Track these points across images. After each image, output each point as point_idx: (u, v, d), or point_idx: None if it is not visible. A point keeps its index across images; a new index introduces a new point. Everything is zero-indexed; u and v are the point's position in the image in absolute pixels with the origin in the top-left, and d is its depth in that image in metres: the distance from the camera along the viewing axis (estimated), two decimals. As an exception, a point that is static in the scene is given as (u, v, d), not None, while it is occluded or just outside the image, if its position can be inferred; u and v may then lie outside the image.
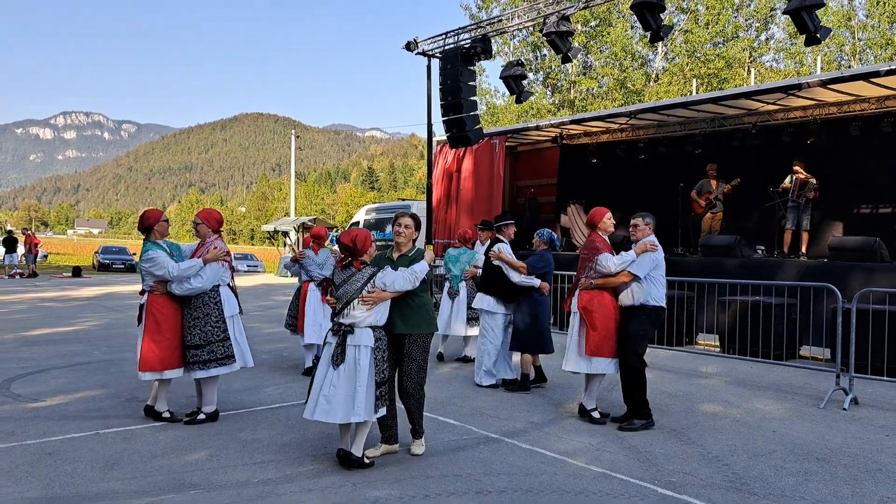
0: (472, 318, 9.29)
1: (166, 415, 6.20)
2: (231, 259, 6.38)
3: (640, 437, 6.03)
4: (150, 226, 6.18)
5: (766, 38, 38.11)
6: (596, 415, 6.50)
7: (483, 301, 8.07)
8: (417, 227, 5.42)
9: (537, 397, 7.57)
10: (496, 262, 7.81)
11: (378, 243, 8.59)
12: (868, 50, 37.32)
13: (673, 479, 4.94)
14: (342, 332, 4.98)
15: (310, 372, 8.45)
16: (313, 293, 8.53)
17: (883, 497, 4.69)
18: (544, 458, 5.39)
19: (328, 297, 5.16)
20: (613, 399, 7.33)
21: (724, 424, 6.53)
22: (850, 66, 36.03)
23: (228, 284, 6.30)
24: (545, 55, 36.81)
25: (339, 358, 4.94)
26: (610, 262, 6.39)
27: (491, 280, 7.95)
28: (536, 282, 7.67)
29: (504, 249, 7.84)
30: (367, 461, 5.06)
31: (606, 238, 6.66)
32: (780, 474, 5.10)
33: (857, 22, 37.30)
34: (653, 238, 6.58)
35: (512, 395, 7.60)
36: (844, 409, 7.15)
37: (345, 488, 4.63)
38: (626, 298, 6.46)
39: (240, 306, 6.35)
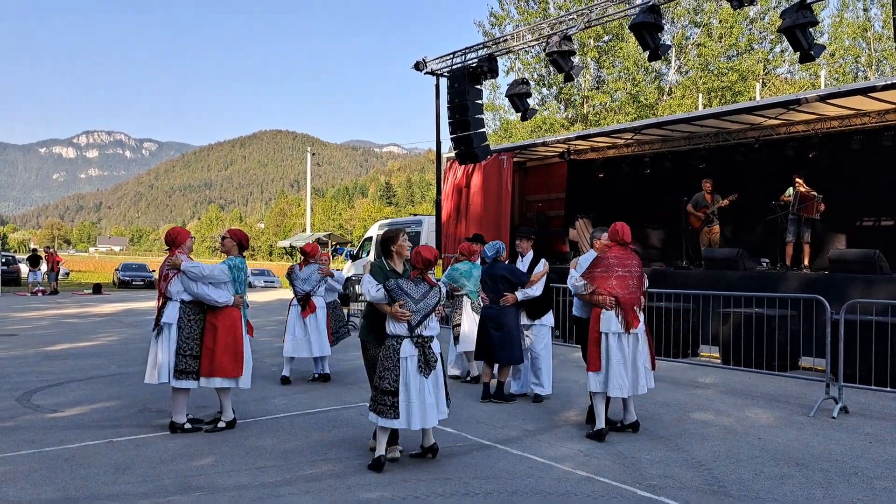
0: None
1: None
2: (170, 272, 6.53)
3: (628, 443, 6.27)
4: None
5: (781, 51, 38.13)
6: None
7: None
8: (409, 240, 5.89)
9: (534, 407, 7.81)
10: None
11: None
12: (885, 61, 37.32)
13: (654, 483, 5.18)
14: (425, 343, 5.45)
15: (286, 381, 9.04)
16: (294, 308, 9.24)
17: (854, 499, 4.90)
18: (533, 463, 5.64)
19: (401, 311, 5.39)
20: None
21: (712, 432, 6.75)
22: (866, 78, 36.02)
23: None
24: (558, 70, 37.10)
25: (428, 367, 5.41)
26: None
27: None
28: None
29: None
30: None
31: None
32: (758, 478, 5.32)
33: (872, 33, 37.32)
34: None
35: (510, 406, 7.85)
36: (833, 417, 7.34)
37: (339, 490, 4.92)
38: None
39: (155, 321, 6.61)
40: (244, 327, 6.74)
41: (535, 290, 8.02)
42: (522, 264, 8.20)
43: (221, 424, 6.63)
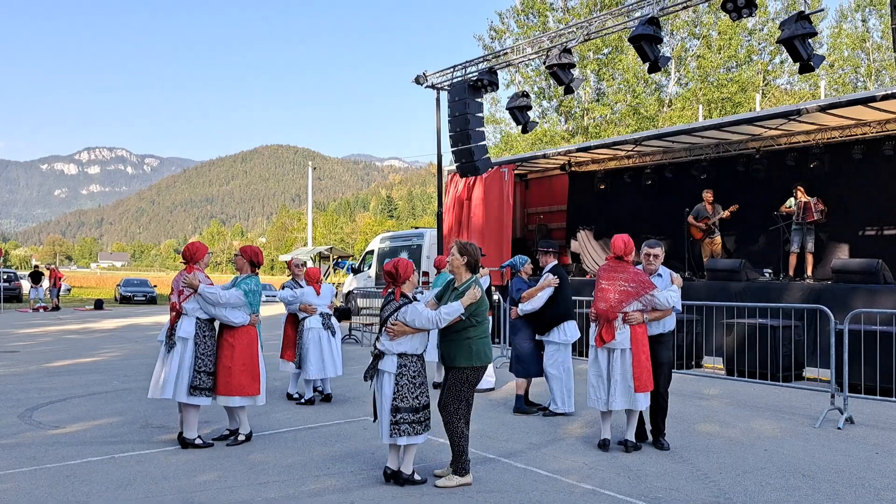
0: None
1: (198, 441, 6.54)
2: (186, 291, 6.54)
3: (633, 456, 6.23)
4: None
5: (781, 61, 38.19)
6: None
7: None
8: (462, 253, 5.50)
9: (538, 420, 7.78)
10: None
11: None
12: (884, 71, 37.41)
13: (659, 495, 5.14)
14: (376, 356, 5.36)
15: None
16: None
17: (861, 510, 4.86)
18: (537, 476, 5.61)
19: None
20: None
21: (717, 444, 6.71)
22: (865, 88, 36.11)
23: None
24: (559, 83, 37.19)
25: (370, 379, 5.35)
26: (673, 297, 6.44)
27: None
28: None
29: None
30: (417, 478, 5.35)
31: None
32: (764, 490, 5.28)
33: (871, 44, 37.44)
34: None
35: (514, 419, 7.82)
36: (839, 428, 7.30)
37: (343, 505, 4.89)
38: (657, 327, 6.58)
39: (167, 334, 6.54)
40: (260, 345, 6.76)
41: (528, 305, 8.02)
42: (542, 277, 8.17)
43: (241, 438, 6.63)
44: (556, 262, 8.24)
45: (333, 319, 8.93)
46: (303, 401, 8.66)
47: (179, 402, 6.47)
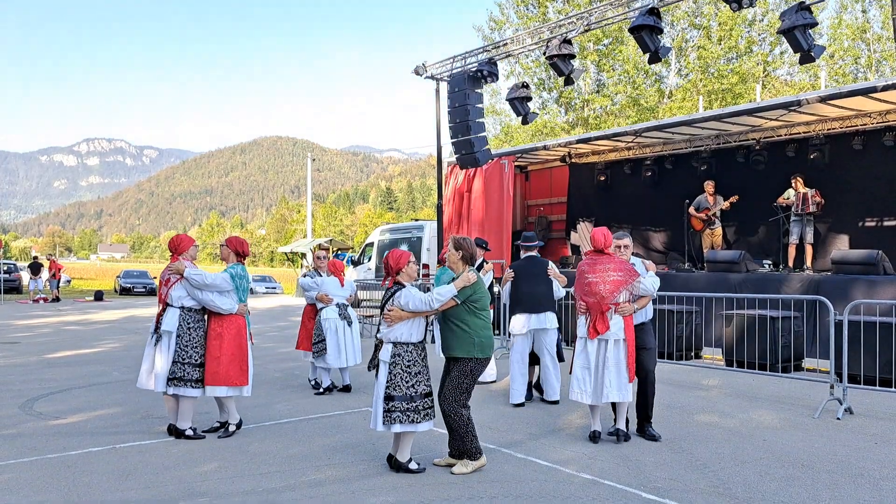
0: None
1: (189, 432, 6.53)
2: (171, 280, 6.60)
3: (632, 446, 6.26)
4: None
5: (781, 52, 38.07)
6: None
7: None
8: (457, 248, 5.68)
9: (538, 411, 7.80)
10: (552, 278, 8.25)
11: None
12: (884, 62, 37.29)
13: (658, 485, 5.16)
14: (376, 346, 5.46)
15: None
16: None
17: (860, 500, 4.88)
18: (537, 466, 5.63)
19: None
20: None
21: (716, 434, 6.73)
22: (866, 78, 36.01)
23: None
24: (559, 74, 37.12)
25: (373, 368, 5.44)
26: (656, 283, 6.53)
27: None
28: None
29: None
30: (413, 466, 5.40)
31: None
32: (764, 480, 5.30)
33: (872, 34, 37.30)
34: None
35: (513, 410, 7.84)
36: (838, 418, 7.32)
37: (343, 496, 4.91)
38: (641, 316, 6.62)
39: (154, 327, 6.66)
40: (248, 335, 6.75)
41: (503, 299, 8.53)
42: None
43: (232, 428, 6.63)
44: (531, 254, 8.49)
45: (350, 310, 9.07)
46: (321, 390, 8.74)
47: (172, 394, 6.49)
